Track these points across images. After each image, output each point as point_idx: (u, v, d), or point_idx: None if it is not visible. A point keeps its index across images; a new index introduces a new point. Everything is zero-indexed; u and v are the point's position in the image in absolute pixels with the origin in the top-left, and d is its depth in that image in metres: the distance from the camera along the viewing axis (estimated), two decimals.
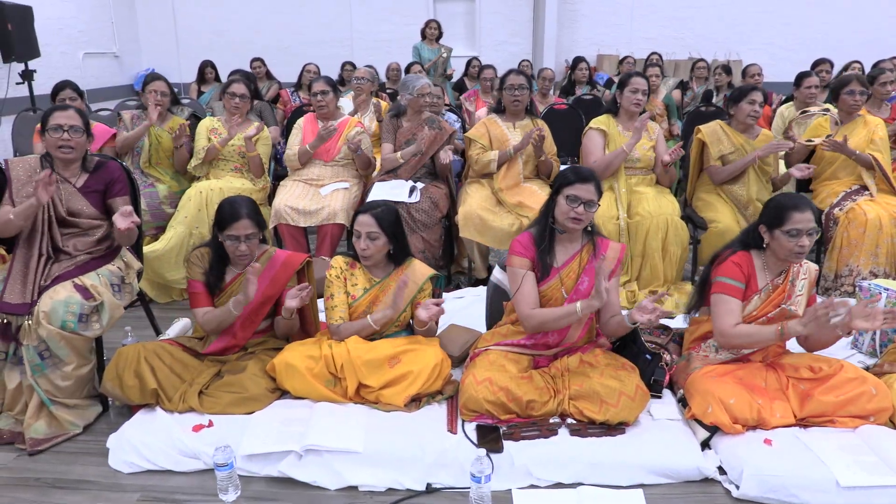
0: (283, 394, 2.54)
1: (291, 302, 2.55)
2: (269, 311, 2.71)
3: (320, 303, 2.86)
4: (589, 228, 2.57)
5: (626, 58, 7.29)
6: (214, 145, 3.97)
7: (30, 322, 2.42)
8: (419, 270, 2.70)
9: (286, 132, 4.80)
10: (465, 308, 3.34)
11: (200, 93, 6.78)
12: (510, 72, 3.88)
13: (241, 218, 2.53)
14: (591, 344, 2.64)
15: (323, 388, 2.46)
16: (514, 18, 8.85)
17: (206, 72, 6.93)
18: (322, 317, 2.90)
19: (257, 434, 2.29)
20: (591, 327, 2.66)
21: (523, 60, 7.56)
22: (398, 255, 2.68)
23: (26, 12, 6.61)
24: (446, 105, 5.00)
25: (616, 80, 7.19)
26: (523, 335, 2.59)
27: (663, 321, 3.23)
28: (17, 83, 6.59)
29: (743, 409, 2.27)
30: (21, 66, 6.55)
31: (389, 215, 2.62)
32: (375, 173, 4.11)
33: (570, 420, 2.39)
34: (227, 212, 2.55)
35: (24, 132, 5.07)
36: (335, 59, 7.44)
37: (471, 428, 2.35)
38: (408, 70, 6.34)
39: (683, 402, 2.47)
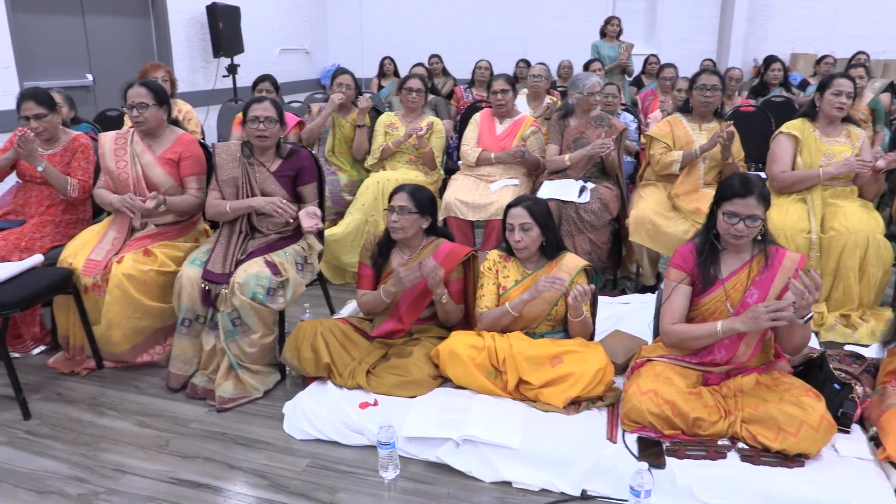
0: (444, 381, 2.61)
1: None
2: (430, 303, 2.78)
3: None
4: (759, 237, 2.38)
5: (824, 57, 6.64)
6: (388, 146, 4.17)
7: (226, 290, 2.68)
8: (571, 261, 2.67)
9: (459, 128, 4.90)
10: (630, 315, 3.23)
11: (380, 87, 7.11)
12: (703, 71, 3.68)
13: (400, 192, 2.70)
14: (768, 365, 2.44)
15: (484, 379, 2.49)
16: (698, 14, 8.39)
17: (386, 66, 7.26)
18: None
19: (418, 418, 2.36)
20: (767, 347, 2.45)
21: (706, 59, 7.15)
22: (550, 247, 2.66)
23: (235, 12, 7.30)
24: (622, 104, 4.84)
25: (812, 81, 6.60)
26: (688, 351, 2.46)
27: (855, 349, 2.93)
28: (224, 76, 7.32)
29: None
30: (227, 61, 7.27)
31: (541, 207, 2.63)
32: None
33: (741, 444, 2.22)
34: (395, 189, 2.74)
35: (227, 120, 5.60)
36: (509, 57, 7.48)
37: (631, 439, 2.26)
38: (587, 67, 6.19)
39: (876, 441, 2.21)
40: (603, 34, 7.17)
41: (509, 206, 2.67)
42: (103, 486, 2.23)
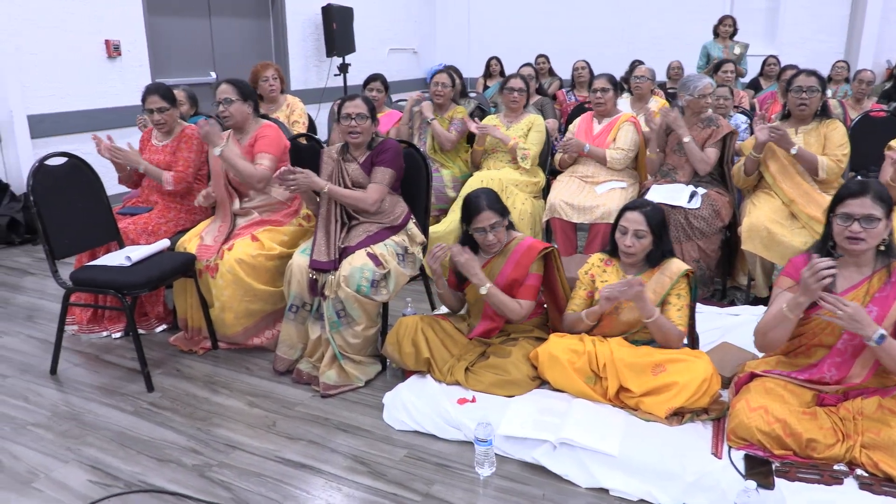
0: (542, 383, 2.59)
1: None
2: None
3: None
4: (882, 248, 2.20)
5: None
6: (475, 149, 4.26)
7: (332, 277, 2.78)
8: (674, 266, 2.59)
9: (564, 130, 4.85)
10: (739, 327, 3.08)
11: (486, 87, 7.14)
12: (800, 71, 3.46)
13: (483, 210, 2.65)
14: (891, 388, 2.27)
15: (582, 384, 2.46)
16: (825, 13, 7.89)
17: (492, 66, 7.28)
18: None
19: (516, 418, 2.36)
20: (886, 368, 2.28)
21: (839, 61, 6.70)
22: (657, 255, 2.59)
23: (348, 13, 7.55)
24: (735, 107, 4.64)
25: None
26: (796, 367, 2.32)
27: None
28: (335, 75, 7.58)
29: None
30: (339, 60, 7.52)
31: (658, 214, 2.57)
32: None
33: (859, 471, 2.08)
34: (471, 206, 2.69)
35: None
36: (616, 58, 7.32)
37: (738, 456, 2.17)
38: (717, 69, 5.92)
39: None
40: (715, 34, 6.89)
41: (626, 209, 2.61)
42: (215, 459, 2.37)
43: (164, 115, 3.41)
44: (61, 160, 3.08)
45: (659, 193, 3.52)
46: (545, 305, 2.89)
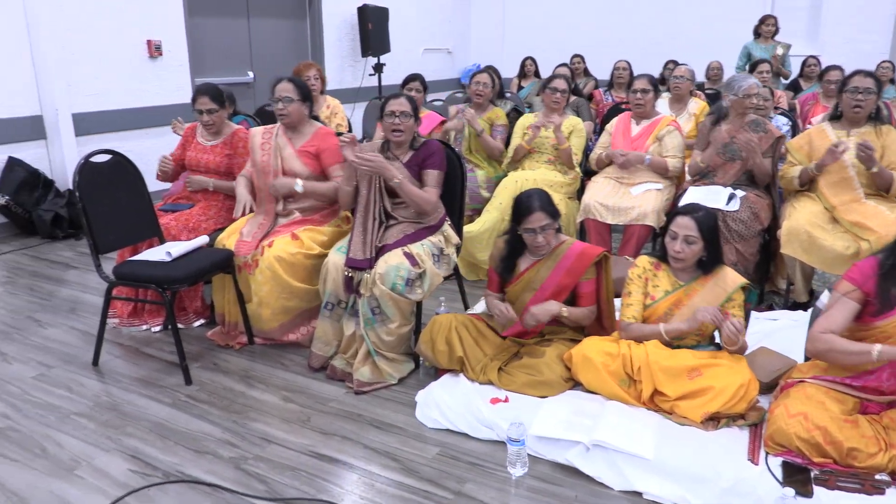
0: (575, 384, 2.58)
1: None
2: (565, 301, 2.75)
3: (617, 302, 2.83)
4: None
5: None
6: (522, 145, 4.21)
7: (368, 275, 2.80)
8: (730, 278, 2.55)
9: (599, 131, 4.83)
10: (777, 332, 3.03)
11: (520, 87, 7.13)
12: (856, 72, 3.38)
13: (534, 211, 2.63)
14: None
15: (616, 387, 2.44)
16: (869, 12, 7.69)
17: (527, 66, 7.26)
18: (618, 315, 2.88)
19: (549, 418, 2.36)
20: None
21: (884, 61, 6.53)
22: (709, 262, 2.55)
23: (384, 13, 7.59)
24: (776, 108, 4.56)
25: None
26: (848, 373, 2.27)
27: None
28: (370, 75, 7.63)
29: None
30: (374, 60, 7.57)
31: (710, 220, 2.52)
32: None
33: None
34: (523, 206, 2.67)
35: (372, 117, 5.82)
36: (653, 58, 7.23)
37: (775, 462, 2.13)
38: (753, 69, 5.83)
39: None
40: (757, 34, 6.77)
41: (676, 213, 2.58)
42: (251, 452, 2.41)
43: (213, 117, 3.48)
44: (105, 157, 3.16)
45: (696, 196, 3.47)
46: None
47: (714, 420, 2.34)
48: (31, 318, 3.60)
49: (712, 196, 3.45)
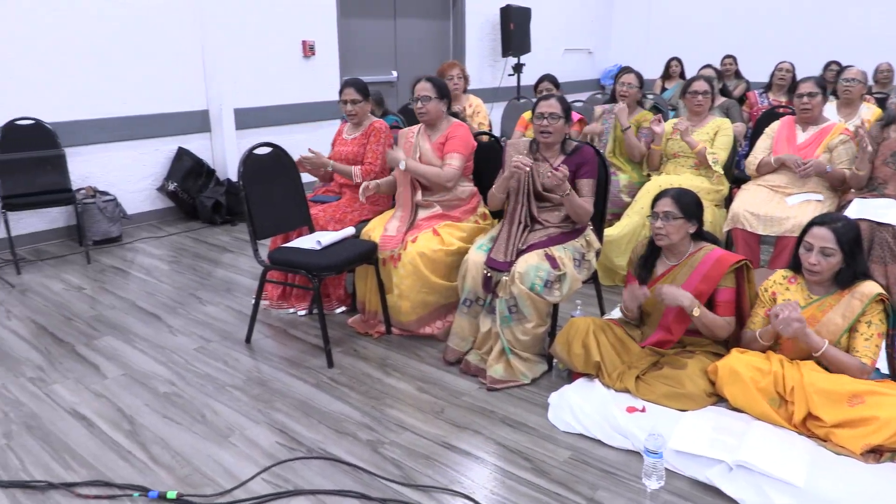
0: (718, 400, 2.47)
1: None
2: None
3: None
4: None
5: None
6: (652, 147, 4.14)
7: (506, 278, 2.83)
8: (866, 288, 2.36)
9: (752, 136, 4.56)
10: None
11: (664, 89, 6.88)
12: None
13: (664, 196, 2.61)
14: None
15: (766, 405, 2.31)
16: None
17: (672, 67, 6.99)
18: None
19: (689, 433, 2.27)
20: None
21: None
22: (848, 276, 2.37)
23: (526, 13, 7.59)
24: None
25: None
26: None
27: None
28: (509, 75, 7.66)
29: None
30: (513, 60, 7.59)
31: (850, 232, 2.35)
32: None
33: None
34: (658, 193, 2.67)
35: (511, 117, 5.86)
36: (811, 59, 6.72)
37: None
38: None
39: None
40: None
41: (812, 224, 2.42)
42: (387, 437, 2.50)
43: (357, 108, 3.66)
44: (266, 150, 3.39)
45: (863, 208, 3.20)
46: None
47: (876, 453, 2.15)
48: (193, 295, 3.94)
49: (882, 210, 3.17)
